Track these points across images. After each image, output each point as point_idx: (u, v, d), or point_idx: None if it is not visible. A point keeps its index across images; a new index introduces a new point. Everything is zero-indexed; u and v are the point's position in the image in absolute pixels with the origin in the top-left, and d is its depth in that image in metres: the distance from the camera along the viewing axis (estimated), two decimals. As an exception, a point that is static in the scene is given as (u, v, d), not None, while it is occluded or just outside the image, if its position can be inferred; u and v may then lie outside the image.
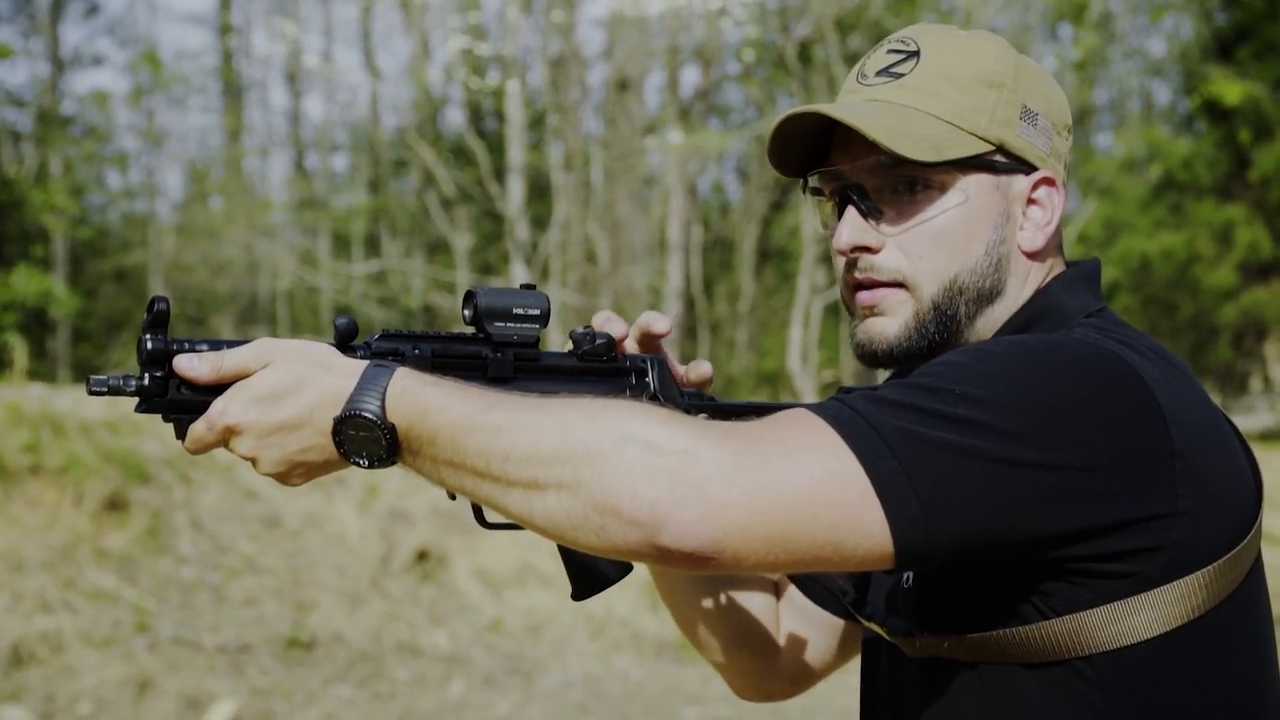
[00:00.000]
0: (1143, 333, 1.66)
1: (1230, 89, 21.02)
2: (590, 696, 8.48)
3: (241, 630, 8.32)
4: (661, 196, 19.46)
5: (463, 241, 19.56)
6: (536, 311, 1.73)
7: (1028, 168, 1.71)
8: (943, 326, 1.69)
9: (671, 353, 1.87)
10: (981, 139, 1.68)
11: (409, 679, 8.36)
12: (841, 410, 1.46)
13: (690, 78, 26.27)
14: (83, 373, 19.97)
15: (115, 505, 8.74)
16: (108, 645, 7.92)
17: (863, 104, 1.70)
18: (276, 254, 22.83)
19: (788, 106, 21.95)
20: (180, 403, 1.58)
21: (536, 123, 21.03)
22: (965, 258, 1.68)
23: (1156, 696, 1.55)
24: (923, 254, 1.68)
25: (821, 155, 1.74)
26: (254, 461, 1.56)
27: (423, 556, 9.40)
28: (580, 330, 1.78)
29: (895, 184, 1.69)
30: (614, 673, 8.86)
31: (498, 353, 1.72)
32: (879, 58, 1.74)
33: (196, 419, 1.57)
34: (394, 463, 1.53)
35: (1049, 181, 1.71)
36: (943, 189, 1.68)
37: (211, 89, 28.98)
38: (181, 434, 1.59)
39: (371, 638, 8.58)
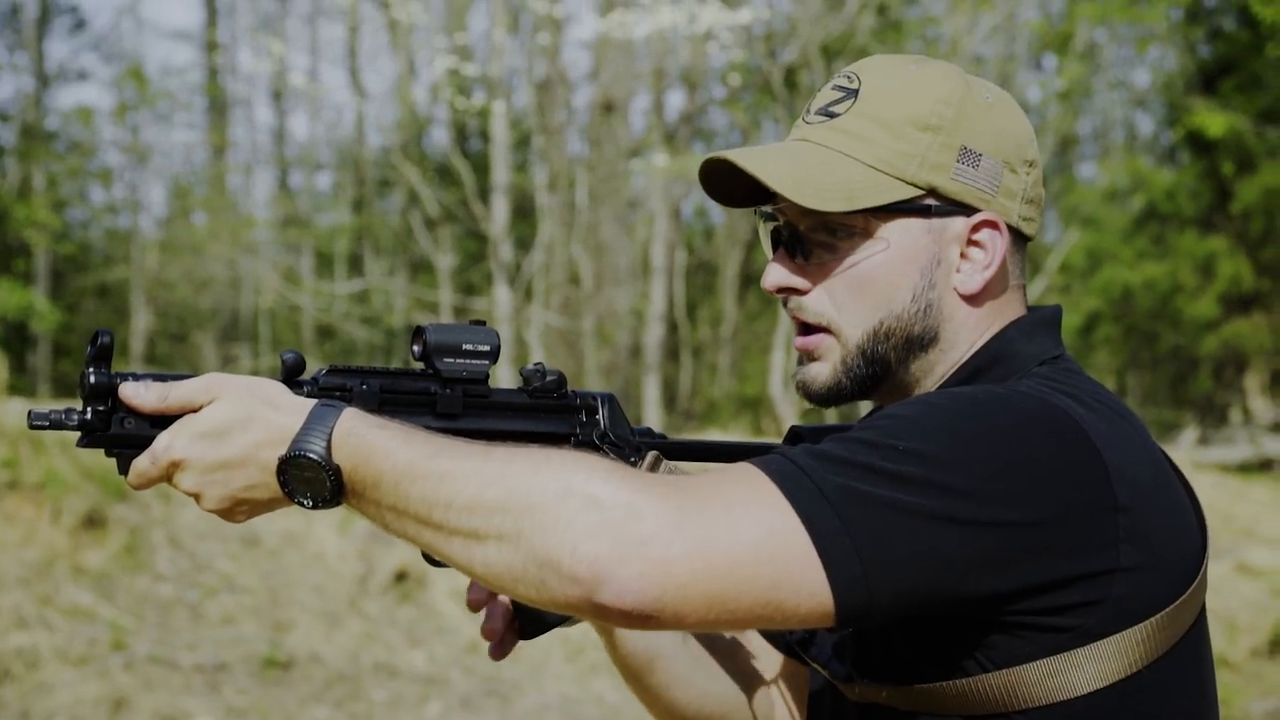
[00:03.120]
0: (1094, 381, 1.65)
1: (1213, 121, 21.11)
2: (567, 719, 8.45)
3: (219, 649, 8.28)
4: (645, 219, 19.47)
5: (446, 261, 19.54)
6: (486, 348, 1.72)
7: (967, 209, 1.68)
8: (871, 370, 1.69)
9: (654, 377, 1.87)
10: (909, 183, 1.66)
11: (386, 700, 8.33)
12: (786, 467, 1.46)
13: (675, 101, 26.32)
14: (63, 388, 19.90)
15: (93, 522, 8.70)
16: (84, 663, 7.88)
17: (786, 147, 1.70)
18: (259, 271, 22.78)
19: (773, 131, 22.02)
20: (123, 437, 1.56)
21: (521, 144, 21.05)
22: (890, 304, 1.67)
23: None
24: (846, 300, 1.68)
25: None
26: (197, 497, 1.55)
27: (401, 577, 9.37)
28: (530, 367, 1.77)
29: (821, 228, 1.68)
30: (591, 695, 8.83)
31: (446, 389, 1.70)
32: (824, 94, 1.73)
33: (139, 454, 1.55)
34: (339, 503, 1.52)
35: (991, 224, 1.68)
36: (866, 234, 1.67)
37: (196, 105, 28.96)
38: (124, 469, 1.58)
39: (349, 658, 8.55)
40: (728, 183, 1.73)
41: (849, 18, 17.62)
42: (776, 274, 1.72)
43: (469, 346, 1.71)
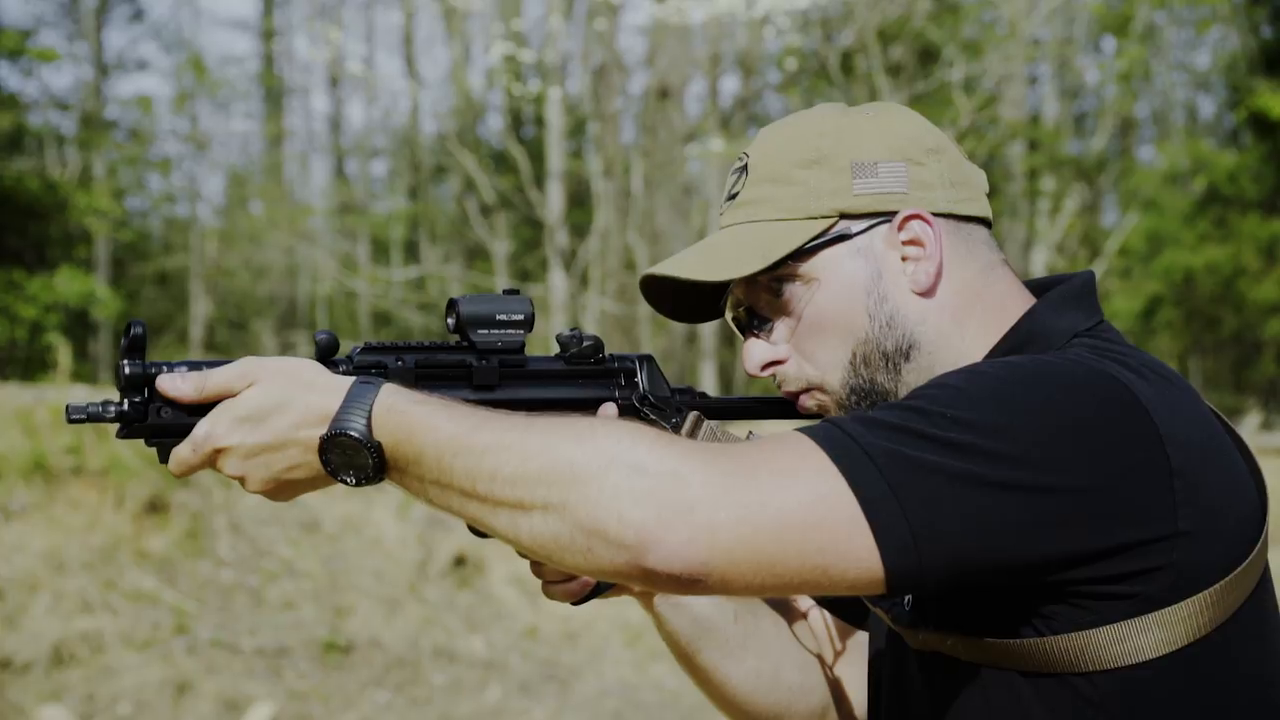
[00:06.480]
0: (1139, 348, 1.64)
1: (1276, 102, 20.86)
2: (626, 704, 8.47)
3: (279, 633, 8.35)
4: (701, 205, 19.46)
5: (502, 248, 19.60)
6: (520, 317, 1.71)
7: (886, 215, 1.69)
8: (870, 400, 1.69)
9: (711, 363, 1.89)
10: (817, 219, 1.68)
11: (445, 684, 8.37)
12: (833, 432, 1.45)
13: (731, 86, 26.24)
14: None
15: (156, 508, 8.78)
16: (147, 646, 7.96)
17: (704, 242, 1.75)
18: (316, 259, 22.92)
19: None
20: (161, 426, 1.56)
21: (577, 130, 21.06)
22: (853, 333, 1.68)
23: (1161, 717, 1.52)
24: (814, 350, 1.70)
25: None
26: (241, 481, 1.56)
27: (460, 562, 9.41)
28: (567, 333, 1.77)
29: (764, 294, 1.72)
30: (650, 681, 8.84)
31: (482, 360, 1.70)
32: (729, 181, 1.78)
33: (178, 442, 1.56)
34: (382, 479, 1.52)
35: (913, 217, 1.69)
36: (803, 281, 1.69)
37: (254, 94, 29.15)
38: (164, 457, 1.58)
39: (408, 643, 8.60)
40: (673, 297, 1.78)
41: (906, 1, 17.51)
42: (756, 355, 1.74)
43: (502, 316, 1.71)
